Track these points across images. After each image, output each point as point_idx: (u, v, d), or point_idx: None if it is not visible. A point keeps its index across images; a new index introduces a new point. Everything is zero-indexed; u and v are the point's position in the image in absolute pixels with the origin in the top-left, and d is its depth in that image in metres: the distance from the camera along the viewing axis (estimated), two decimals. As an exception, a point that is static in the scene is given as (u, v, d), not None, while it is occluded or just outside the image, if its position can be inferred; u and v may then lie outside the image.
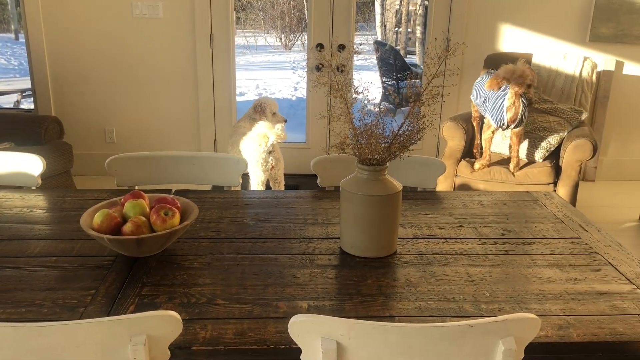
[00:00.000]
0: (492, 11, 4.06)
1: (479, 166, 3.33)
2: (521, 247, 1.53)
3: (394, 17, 16.12)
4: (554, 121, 3.45)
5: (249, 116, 3.44)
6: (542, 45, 4.11)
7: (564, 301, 1.26)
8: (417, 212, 1.74)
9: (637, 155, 4.41)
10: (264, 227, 1.60)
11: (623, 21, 4.07)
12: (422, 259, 1.44)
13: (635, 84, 4.24)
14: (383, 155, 1.39)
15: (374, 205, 1.39)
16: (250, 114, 3.44)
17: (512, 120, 3.10)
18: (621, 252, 1.51)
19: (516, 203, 1.86)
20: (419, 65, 9.13)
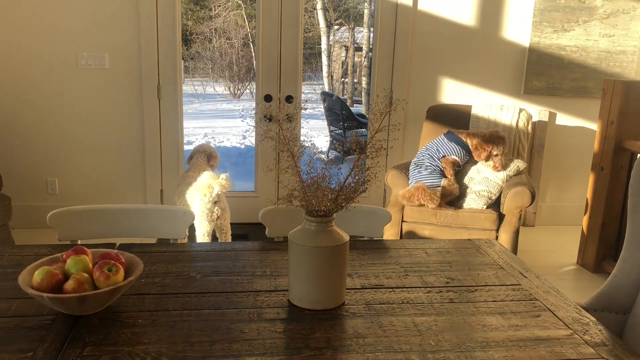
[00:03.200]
0: (433, 65, 4.25)
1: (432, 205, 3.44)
2: (465, 295, 1.57)
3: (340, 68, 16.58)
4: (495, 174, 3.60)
5: (195, 164, 3.43)
6: (480, 98, 4.31)
7: (506, 348, 1.29)
8: (365, 261, 1.77)
9: (573, 201, 4.62)
10: (211, 281, 1.58)
11: (554, 75, 4.33)
12: (370, 309, 1.46)
13: (567, 134, 4.49)
14: (330, 206, 1.42)
15: (322, 256, 1.41)
16: (199, 162, 3.44)
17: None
18: (559, 298, 1.57)
19: (459, 251, 1.91)
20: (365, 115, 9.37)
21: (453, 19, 4.20)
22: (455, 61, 4.27)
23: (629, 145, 3.41)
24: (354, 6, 15.83)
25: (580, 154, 4.51)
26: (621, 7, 4.28)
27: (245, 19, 13.99)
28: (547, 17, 4.24)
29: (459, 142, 3.58)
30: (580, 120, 4.49)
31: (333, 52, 16.20)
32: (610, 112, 3.47)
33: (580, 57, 4.33)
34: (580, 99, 4.43)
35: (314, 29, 13.99)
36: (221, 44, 14.23)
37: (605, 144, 3.52)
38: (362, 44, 14.98)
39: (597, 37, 4.31)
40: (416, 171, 3.54)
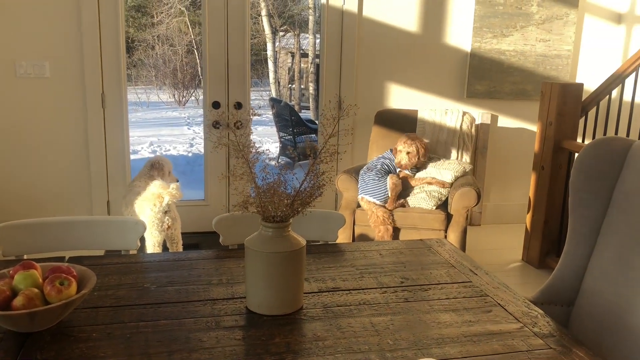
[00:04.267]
0: (380, 70, 4.33)
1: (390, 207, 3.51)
2: (419, 293, 1.61)
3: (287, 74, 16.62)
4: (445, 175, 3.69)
5: (145, 174, 3.37)
6: (426, 102, 4.42)
7: (461, 344, 1.33)
8: (321, 265, 1.78)
9: (516, 200, 4.79)
10: (167, 291, 1.56)
11: (495, 79, 4.49)
12: (328, 312, 1.47)
13: (508, 135, 4.66)
14: (286, 212, 1.43)
15: (279, 262, 1.42)
16: (145, 172, 3.37)
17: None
18: (508, 293, 1.63)
19: (412, 251, 1.95)
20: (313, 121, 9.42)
21: (397, 25, 4.29)
22: (401, 66, 4.36)
23: (567, 144, 3.57)
24: (299, 13, 15.92)
25: (522, 155, 4.69)
26: (555, 13, 4.48)
27: (189, 25, 13.83)
28: (487, 23, 4.39)
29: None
30: (521, 122, 4.66)
31: (279, 58, 16.21)
32: (549, 114, 3.62)
33: (519, 61, 4.50)
34: (520, 101, 4.60)
35: (259, 35, 13.97)
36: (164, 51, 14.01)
37: (545, 144, 3.67)
38: (308, 50, 15.07)
39: (534, 41, 4.49)
40: (366, 175, 3.59)
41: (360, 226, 3.53)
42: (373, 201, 3.50)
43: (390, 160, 3.71)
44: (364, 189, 3.54)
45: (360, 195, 3.55)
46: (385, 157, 3.74)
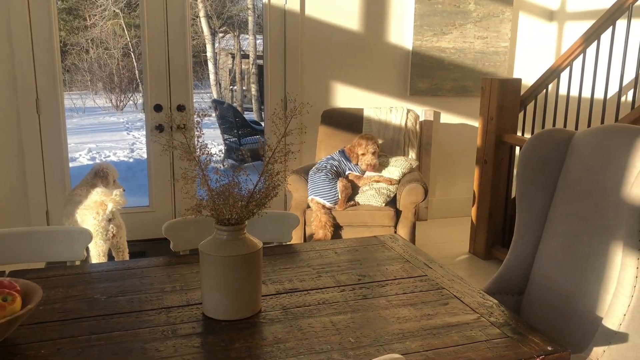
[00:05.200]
0: (325, 69, 4.33)
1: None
2: (377, 290, 1.61)
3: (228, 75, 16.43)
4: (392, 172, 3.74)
5: (87, 183, 3.24)
6: (371, 100, 4.46)
7: (421, 337, 1.34)
8: (277, 267, 1.76)
9: (461, 194, 4.90)
10: (118, 302, 1.50)
11: (436, 76, 4.58)
12: (287, 313, 1.45)
13: (451, 131, 4.76)
14: (241, 214, 1.40)
15: (235, 265, 1.38)
16: (88, 180, 3.25)
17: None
18: (463, 285, 1.65)
19: (367, 248, 1.96)
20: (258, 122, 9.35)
21: (340, 25, 4.31)
22: (346, 65, 4.38)
23: (508, 138, 3.68)
24: (237, 13, 15.77)
25: (465, 150, 4.80)
26: (491, 11, 4.62)
27: (125, 28, 13.45)
28: (427, 22, 4.47)
29: (351, 160, 3.74)
30: (463, 118, 4.78)
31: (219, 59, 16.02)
32: (490, 109, 3.73)
33: (458, 58, 4.61)
34: (461, 97, 4.71)
35: (197, 37, 13.75)
36: (99, 55, 13.58)
37: (487, 138, 3.77)
38: (249, 51, 14.95)
39: (473, 39, 4.61)
40: (316, 176, 3.58)
41: (312, 227, 3.53)
42: (323, 202, 3.50)
43: (339, 161, 3.72)
44: (314, 190, 3.53)
45: (311, 197, 3.54)
46: (335, 158, 3.74)
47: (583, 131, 1.92)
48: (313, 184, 3.56)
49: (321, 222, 3.44)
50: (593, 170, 1.80)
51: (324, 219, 3.45)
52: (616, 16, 3.14)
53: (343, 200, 3.51)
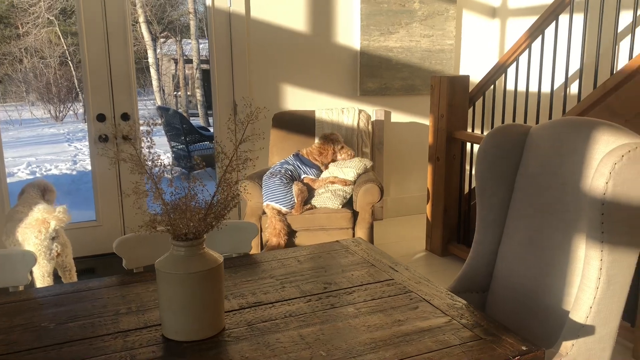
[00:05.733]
0: (274, 72, 4.26)
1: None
2: (344, 297, 1.56)
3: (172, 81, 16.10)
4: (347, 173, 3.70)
5: (28, 199, 3.06)
6: (322, 102, 4.42)
7: (394, 345, 1.30)
8: (238, 280, 1.68)
9: (415, 192, 4.92)
10: (69, 328, 1.39)
11: (385, 76, 4.59)
12: (253, 329, 1.38)
13: (402, 130, 4.78)
14: (199, 227, 1.31)
15: (196, 282, 1.30)
16: (29, 196, 3.06)
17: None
18: (431, 287, 1.62)
19: (330, 254, 1.90)
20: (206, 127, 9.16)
21: (287, 26, 4.25)
22: (295, 67, 4.32)
23: (459, 135, 3.71)
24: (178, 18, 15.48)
25: (417, 148, 4.83)
26: (436, 9, 4.66)
27: (60, 35, 12.97)
28: (373, 21, 4.47)
29: (307, 163, 3.68)
30: (413, 117, 4.80)
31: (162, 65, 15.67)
32: (440, 106, 3.75)
33: (406, 57, 4.63)
34: (411, 96, 4.74)
35: (138, 43, 13.41)
36: (34, 64, 13.05)
37: (438, 136, 3.79)
38: (192, 56, 14.68)
39: (419, 37, 4.64)
40: (270, 181, 3.51)
41: (266, 234, 3.45)
42: (279, 208, 3.43)
43: (294, 165, 3.66)
44: (269, 195, 3.46)
45: (266, 202, 3.47)
46: (289, 162, 3.68)
47: (539, 125, 1.93)
48: (268, 189, 3.49)
49: (275, 229, 3.37)
50: (551, 164, 1.81)
51: (278, 226, 3.37)
52: (559, 11, 3.21)
53: (299, 204, 3.45)
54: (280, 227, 3.38)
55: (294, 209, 3.45)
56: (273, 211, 3.43)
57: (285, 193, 3.45)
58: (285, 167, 3.63)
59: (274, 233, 3.37)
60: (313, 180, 3.66)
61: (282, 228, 3.38)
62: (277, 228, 3.38)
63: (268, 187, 3.49)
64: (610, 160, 1.52)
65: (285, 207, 3.44)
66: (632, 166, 1.52)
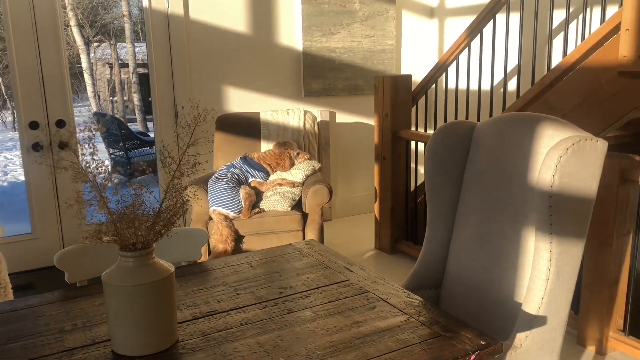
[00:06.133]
0: (216, 74, 4.18)
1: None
2: (301, 301, 1.53)
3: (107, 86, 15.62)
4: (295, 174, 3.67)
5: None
6: (267, 103, 4.37)
7: (355, 347, 1.28)
8: (190, 289, 1.62)
9: (362, 191, 4.95)
10: (10, 350, 1.29)
11: (328, 76, 4.59)
12: (208, 340, 1.33)
13: (348, 130, 4.79)
14: (148, 236, 1.25)
15: (146, 294, 1.24)
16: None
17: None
18: (387, 286, 1.61)
19: (283, 257, 1.87)
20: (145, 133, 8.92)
21: (228, 28, 4.18)
22: (238, 69, 4.26)
23: (404, 134, 3.75)
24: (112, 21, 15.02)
25: (363, 147, 4.85)
26: (376, 9, 4.70)
27: (-19, 40, 12.32)
28: (315, 22, 4.46)
29: (255, 166, 3.63)
30: (358, 117, 4.83)
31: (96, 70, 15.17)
32: (384, 106, 3.78)
33: (349, 57, 4.65)
34: (354, 96, 4.76)
35: (70, 48, 12.92)
36: (-45, 71, 12.36)
37: (384, 135, 3.82)
38: (128, 60, 14.28)
39: (360, 38, 4.67)
40: (216, 185, 3.43)
41: (212, 240, 3.37)
42: (226, 213, 3.36)
43: (241, 169, 3.59)
44: (216, 200, 3.38)
45: (212, 207, 3.39)
46: (236, 165, 3.61)
47: (484, 122, 1.96)
48: (214, 194, 3.41)
49: (222, 235, 3.30)
50: (498, 159, 1.84)
51: (225, 232, 3.30)
52: (496, 10, 3.30)
53: (247, 208, 3.39)
54: (227, 234, 3.31)
55: (241, 214, 3.39)
56: (220, 216, 3.36)
57: (232, 197, 3.39)
58: (232, 170, 3.56)
59: (221, 239, 3.30)
60: (260, 183, 3.61)
61: (229, 234, 3.31)
62: (223, 234, 3.30)
63: (214, 192, 3.42)
64: (556, 154, 1.56)
65: (232, 212, 3.38)
66: (576, 158, 1.56)
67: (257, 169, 3.64)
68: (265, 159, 3.70)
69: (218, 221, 3.34)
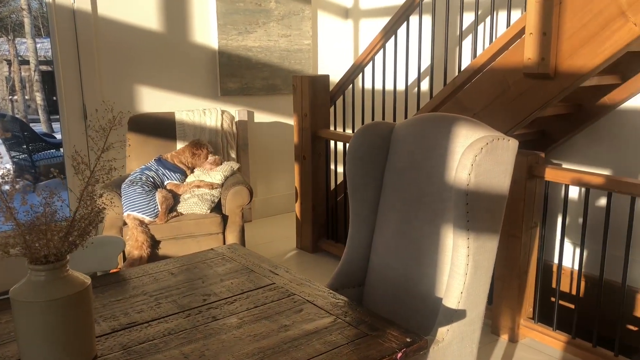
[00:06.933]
0: (128, 73, 4.02)
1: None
2: (226, 308, 1.49)
3: (6, 85, 14.65)
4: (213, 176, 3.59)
5: None
6: (183, 103, 4.25)
7: (284, 352, 1.27)
8: (107, 300, 1.54)
9: (282, 191, 4.93)
10: None
11: (245, 75, 4.53)
12: (130, 353, 1.27)
13: (266, 130, 4.76)
14: (61, 248, 1.18)
15: (61, 309, 1.16)
16: None
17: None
18: (312, 287, 1.61)
19: (205, 263, 1.82)
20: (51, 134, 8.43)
21: (140, 25, 4.03)
22: (151, 68, 4.11)
23: (323, 133, 3.77)
24: (9, 15, 14.10)
25: (282, 147, 4.84)
26: (292, 9, 4.70)
27: None
28: (230, 20, 4.39)
29: (171, 167, 3.51)
30: (276, 116, 4.80)
31: (-8, 67, 14.18)
32: (303, 106, 3.78)
33: (265, 56, 4.61)
34: (272, 96, 4.73)
35: (-43, 43, 11.99)
36: None
37: (303, 135, 3.82)
38: (29, 57, 13.45)
39: (277, 37, 4.65)
40: (131, 189, 3.30)
41: (127, 246, 3.24)
42: (142, 218, 3.23)
43: (157, 171, 3.46)
44: (130, 205, 3.24)
45: (127, 212, 3.25)
46: (151, 168, 3.48)
47: (402, 122, 2.00)
48: (128, 198, 3.27)
49: (137, 241, 3.17)
50: (416, 159, 1.89)
51: (140, 238, 3.18)
52: (409, 12, 3.39)
53: (164, 212, 3.28)
54: (142, 239, 3.19)
55: (158, 218, 3.28)
56: (135, 222, 3.23)
57: (147, 201, 3.27)
58: (147, 173, 3.43)
59: (136, 245, 3.17)
60: (177, 185, 3.50)
61: (144, 240, 3.19)
62: (139, 240, 3.18)
63: (128, 196, 3.28)
64: (472, 153, 1.62)
65: (148, 216, 3.26)
66: (490, 157, 1.63)
67: (173, 171, 3.53)
68: (179, 157, 3.59)
69: (133, 226, 3.21)
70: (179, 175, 3.54)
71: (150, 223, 3.26)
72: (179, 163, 3.57)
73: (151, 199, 3.27)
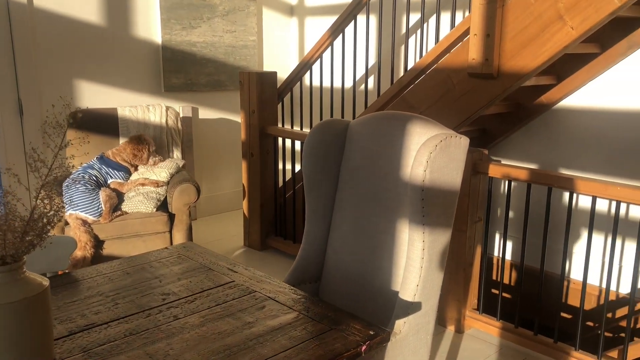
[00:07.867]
0: (68, 68, 3.86)
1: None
2: (187, 307, 1.48)
3: None
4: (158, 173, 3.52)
5: None
6: (126, 99, 4.13)
7: (249, 349, 1.27)
8: (62, 302, 1.49)
9: (229, 188, 4.89)
10: None
11: (190, 71, 4.46)
12: (91, 355, 1.24)
13: (212, 126, 4.70)
14: (18, 248, 1.13)
15: (19, 313, 1.12)
16: None
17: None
18: (273, 284, 1.62)
19: (161, 262, 1.79)
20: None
21: (80, 18, 3.88)
22: (91, 62, 3.98)
23: (271, 130, 3.77)
24: None
25: (228, 144, 4.79)
26: (237, 5, 4.66)
27: None
28: (174, 15, 4.31)
29: (114, 166, 3.41)
30: (222, 113, 4.75)
31: None
32: (250, 102, 3.76)
33: (210, 52, 4.56)
34: (217, 92, 4.68)
35: None
36: None
37: (251, 132, 3.81)
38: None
39: (222, 33, 4.60)
40: (73, 188, 3.18)
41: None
42: (85, 217, 3.13)
43: (99, 169, 3.36)
44: (72, 204, 3.13)
45: (69, 212, 3.14)
46: (94, 166, 3.36)
47: (357, 120, 2.04)
48: (70, 197, 3.16)
49: (81, 242, 3.08)
50: (371, 156, 1.92)
51: (84, 238, 3.08)
52: (356, 11, 3.43)
53: (108, 211, 3.19)
54: (86, 239, 3.09)
55: (102, 217, 3.19)
56: (77, 221, 3.12)
57: (90, 200, 3.17)
58: (89, 171, 3.32)
59: (79, 246, 3.07)
60: (121, 184, 3.41)
61: (88, 240, 3.10)
62: (82, 240, 3.08)
63: (70, 195, 3.17)
64: (427, 150, 1.67)
65: (92, 215, 3.16)
66: (443, 154, 1.69)
67: (116, 169, 3.43)
68: (121, 155, 3.49)
69: (75, 226, 3.10)
70: (123, 174, 3.45)
71: (93, 223, 3.16)
72: (121, 161, 3.48)
73: (94, 197, 3.18)
